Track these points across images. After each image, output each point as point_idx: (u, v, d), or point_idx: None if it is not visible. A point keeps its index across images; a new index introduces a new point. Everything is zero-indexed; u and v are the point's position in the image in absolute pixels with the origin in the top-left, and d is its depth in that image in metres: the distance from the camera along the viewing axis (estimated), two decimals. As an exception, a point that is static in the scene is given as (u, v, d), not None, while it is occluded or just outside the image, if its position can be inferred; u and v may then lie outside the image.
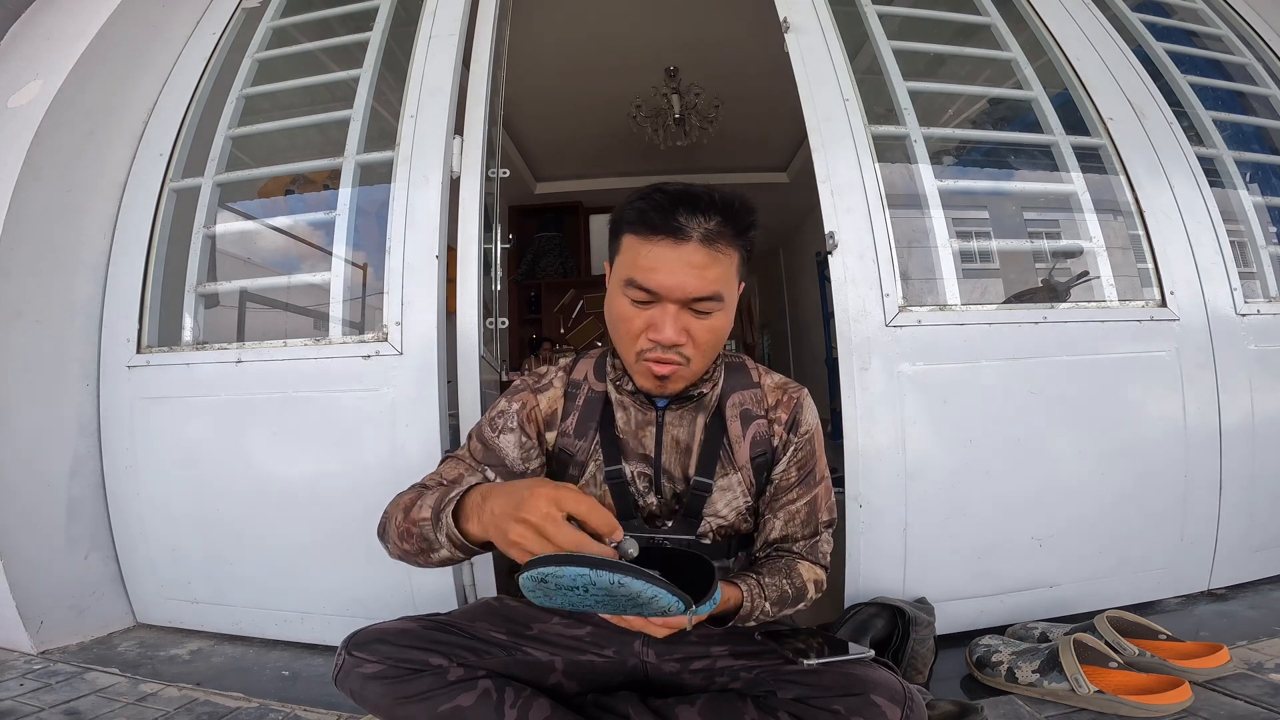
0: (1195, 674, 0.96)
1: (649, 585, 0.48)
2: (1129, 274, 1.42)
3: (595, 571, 0.47)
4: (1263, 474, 1.36)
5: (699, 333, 0.75)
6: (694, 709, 0.74)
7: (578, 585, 0.49)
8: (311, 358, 1.32)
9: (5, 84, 1.41)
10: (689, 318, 0.74)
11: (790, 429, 0.87)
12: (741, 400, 0.87)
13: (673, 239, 0.71)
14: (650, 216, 0.72)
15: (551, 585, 0.49)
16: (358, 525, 1.28)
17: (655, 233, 0.72)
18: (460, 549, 0.64)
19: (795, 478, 0.86)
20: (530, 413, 0.87)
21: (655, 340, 0.74)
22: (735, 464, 0.84)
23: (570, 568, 0.48)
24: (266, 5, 1.67)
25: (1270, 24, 1.83)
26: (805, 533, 0.86)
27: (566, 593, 0.50)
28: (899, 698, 0.67)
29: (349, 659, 0.71)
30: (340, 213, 1.40)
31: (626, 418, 0.85)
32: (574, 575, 0.48)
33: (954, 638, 1.18)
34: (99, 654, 1.24)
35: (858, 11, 1.51)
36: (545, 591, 0.51)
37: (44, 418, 1.32)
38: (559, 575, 0.48)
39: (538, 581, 0.50)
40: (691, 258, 0.71)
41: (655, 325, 0.73)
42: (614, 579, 0.47)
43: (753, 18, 2.58)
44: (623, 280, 0.75)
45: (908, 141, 1.38)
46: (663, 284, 0.72)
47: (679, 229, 0.71)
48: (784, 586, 0.79)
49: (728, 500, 0.84)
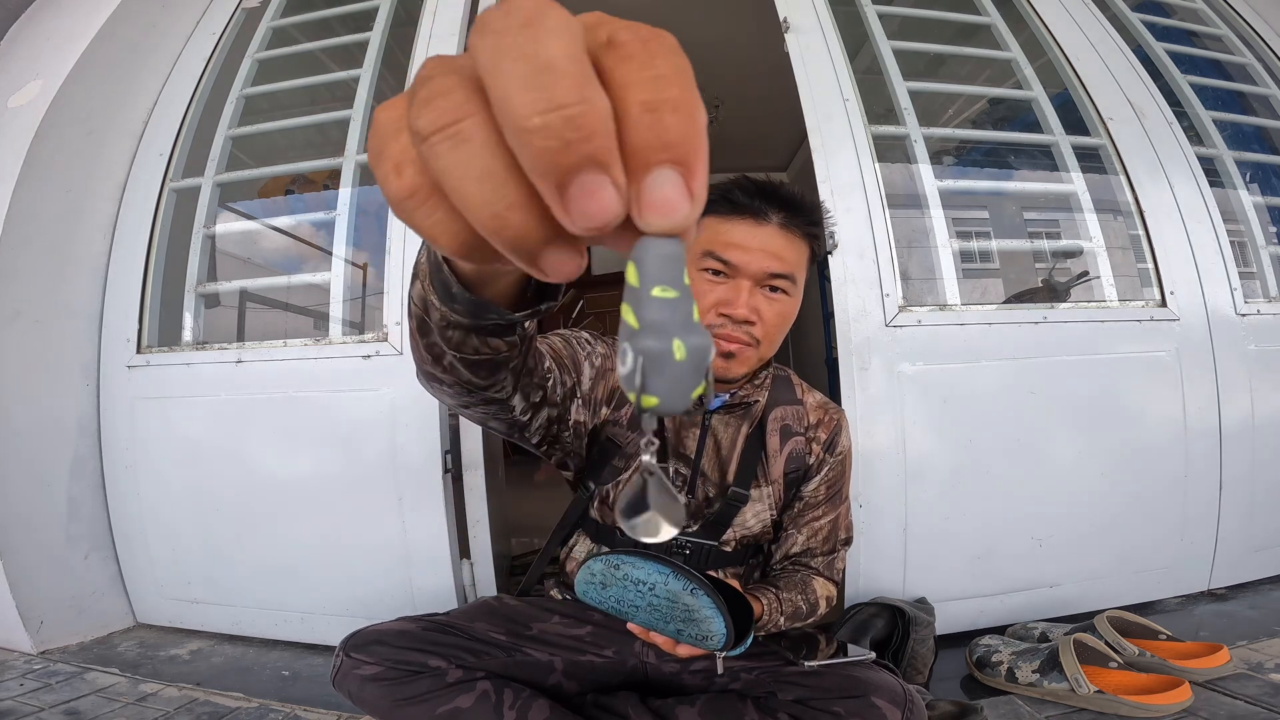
0: (1195, 674, 0.96)
1: (713, 605, 0.48)
2: (1129, 274, 1.42)
3: (674, 574, 0.47)
4: (1263, 474, 1.36)
5: (768, 315, 0.77)
6: (694, 710, 0.74)
7: (647, 581, 0.49)
8: (311, 358, 1.32)
9: (5, 84, 1.41)
10: (761, 298, 0.76)
11: (828, 449, 0.88)
12: (783, 415, 0.87)
13: (754, 219, 0.75)
14: (735, 195, 0.76)
15: (620, 574, 0.49)
16: (358, 525, 1.28)
17: (737, 212, 0.76)
18: (433, 272, 0.41)
19: (824, 496, 0.87)
20: (607, 372, 0.83)
21: (727, 315, 0.75)
22: (769, 478, 0.84)
23: (653, 563, 0.48)
24: (266, 5, 1.67)
25: (1270, 24, 1.83)
26: (825, 549, 0.86)
27: (629, 586, 0.50)
28: (899, 700, 0.67)
29: (347, 660, 0.71)
30: (340, 213, 1.39)
31: (672, 417, 0.85)
32: (652, 570, 0.48)
33: (954, 638, 1.18)
34: (99, 654, 1.24)
35: (858, 11, 1.51)
36: (605, 580, 0.51)
37: (44, 418, 1.32)
38: (636, 566, 0.49)
39: (610, 566, 0.50)
40: (770, 238, 0.75)
41: (728, 301, 0.75)
42: (689, 586, 0.47)
43: (752, 18, 2.58)
44: (698, 254, 0.77)
45: (908, 141, 1.38)
46: (741, 258, 0.75)
47: (760, 211, 0.76)
48: (799, 602, 0.79)
49: (756, 512, 0.84)
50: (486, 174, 0.15)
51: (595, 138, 0.14)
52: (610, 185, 0.15)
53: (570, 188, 0.15)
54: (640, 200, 0.15)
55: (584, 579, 0.52)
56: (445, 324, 0.41)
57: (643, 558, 0.49)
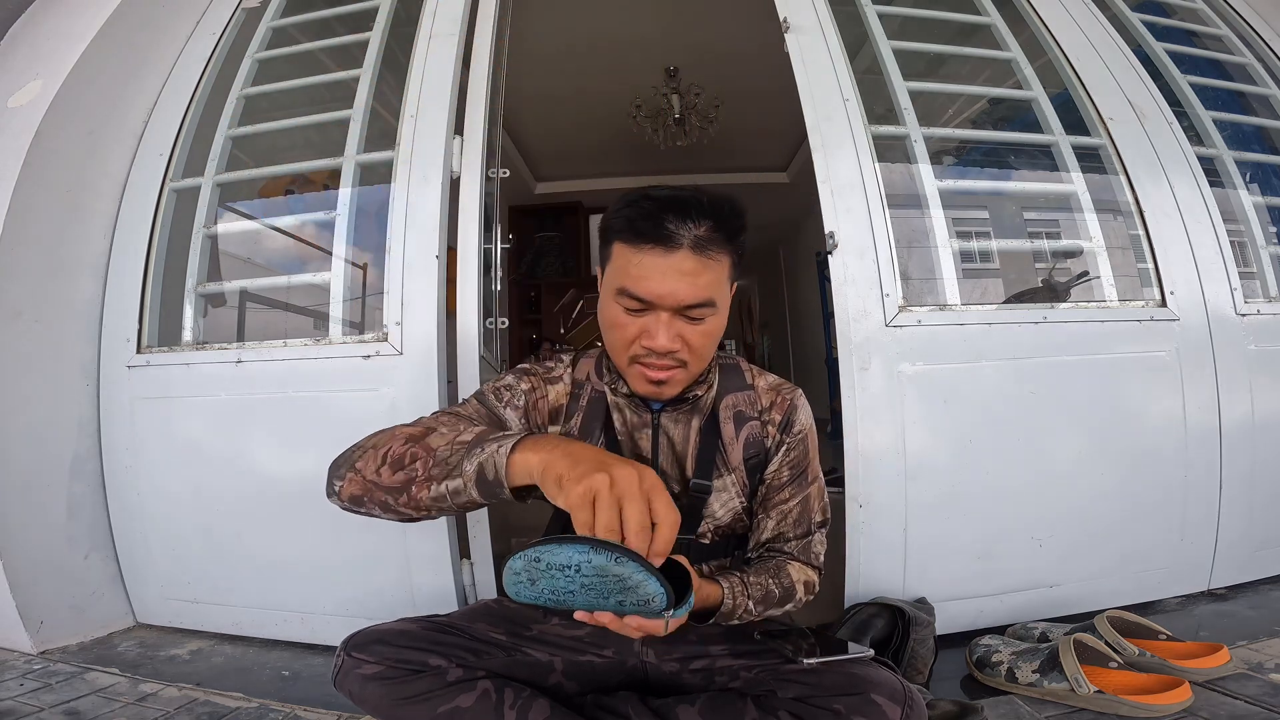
0: (1195, 674, 0.96)
1: (641, 568, 0.48)
2: (1129, 274, 1.42)
3: (594, 550, 0.48)
4: (1263, 474, 1.36)
5: (693, 338, 0.74)
6: (694, 709, 0.74)
7: (571, 565, 0.49)
8: (311, 358, 1.32)
9: (5, 84, 1.41)
10: (682, 324, 0.74)
11: (783, 429, 0.87)
12: (735, 402, 0.87)
13: (663, 247, 0.70)
14: (639, 225, 0.71)
15: (543, 565, 0.50)
16: (358, 525, 1.27)
17: (645, 241, 0.71)
18: (481, 487, 0.57)
19: (787, 477, 0.86)
20: (538, 402, 0.85)
21: (649, 347, 0.74)
22: (729, 466, 0.84)
23: (569, 545, 0.48)
24: (266, 5, 1.67)
25: (1270, 24, 1.83)
26: (797, 533, 0.86)
27: (555, 574, 0.50)
28: (899, 697, 0.67)
29: (348, 660, 0.71)
30: (340, 213, 1.40)
31: (622, 420, 0.85)
32: (571, 552, 0.48)
33: (954, 638, 1.18)
34: (99, 654, 1.24)
35: (858, 11, 1.51)
36: (531, 575, 0.51)
37: (44, 418, 1.32)
38: (555, 553, 0.49)
39: (530, 561, 0.50)
40: (682, 265, 0.71)
41: (649, 332, 0.73)
42: (612, 556, 0.48)
43: (752, 18, 2.59)
44: (614, 289, 0.74)
45: (908, 141, 1.38)
46: (654, 292, 0.71)
47: (669, 236, 0.70)
48: (769, 585, 0.78)
49: (723, 502, 0.84)
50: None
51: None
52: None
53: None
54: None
55: (511, 581, 0.52)
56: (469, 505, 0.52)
57: (558, 543, 0.49)
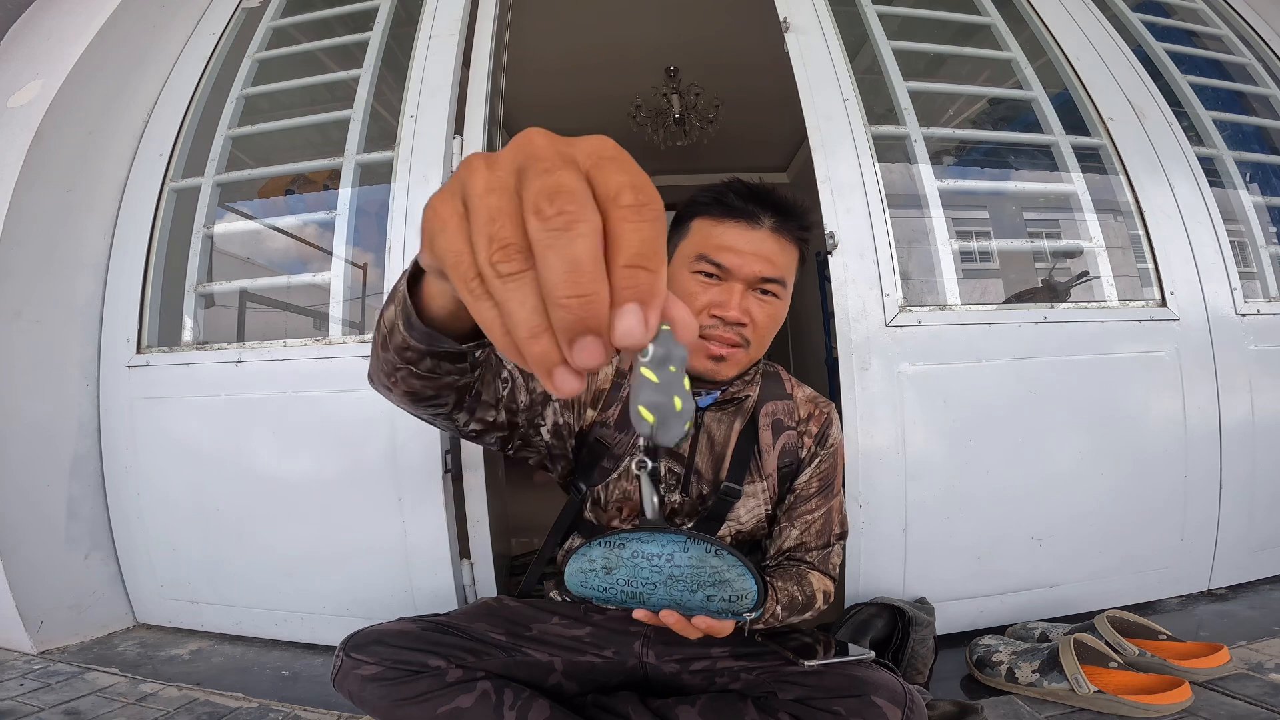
0: (1195, 674, 0.96)
1: (739, 562, 0.47)
2: (1129, 274, 1.42)
3: (691, 540, 0.47)
4: (1263, 474, 1.36)
5: (760, 317, 0.78)
6: (694, 710, 0.74)
7: (662, 554, 0.47)
8: (312, 358, 1.32)
9: (5, 84, 1.41)
10: (752, 301, 0.78)
11: (819, 442, 0.89)
12: (774, 410, 0.88)
13: (747, 223, 0.77)
14: (729, 199, 0.78)
15: (627, 553, 0.48)
16: (358, 525, 1.28)
17: (731, 215, 0.78)
18: (394, 299, 0.46)
19: (816, 488, 0.87)
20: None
21: (719, 316, 0.76)
22: (762, 472, 0.85)
23: (663, 534, 0.47)
24: (266, 5, 1.67)
25: (1270, 24, 1.83)
26: (819, 543, 0.86)
27: (640, 563, 0.48)
28: (900, 699, 0.67)
29: (347, 660, 0.71)
30: (340, 213, 1.39)
31: None
32: (665, 540, 0.47)
33: (954, 638, 1.18)
34: (99, 654, 1.24)
35: (858, 11, 1.51)
36: (609, 563, 0.49)
37: (44, 417, 1.32)
38: (645, 540, 0.47)
39: (612, 549, 0.48)
40: (763, 242, 0.77)
41: (721, 303, 0.77)
42: (711, 548, 0.47)
43: (752, 18, 2.58)
44: (692, 256, 0.78)
45: (908, 141, 1.38)
46: (734, 261, 0.76)
47: (753, 215, 0.78)
48: (795, 593, 0.79)
49: (750, 508, 0.84)
50: (535, 309, 0.21)
51: (598, 317, 0.21)
52: (601, 345, 0.21)
53: (575, 344, 0.21)
54: (614, 325, 0.21)
55: (581, 568, 0.50)
56: (404, 345, 0.47)
57: (649, 531, 0.48)
